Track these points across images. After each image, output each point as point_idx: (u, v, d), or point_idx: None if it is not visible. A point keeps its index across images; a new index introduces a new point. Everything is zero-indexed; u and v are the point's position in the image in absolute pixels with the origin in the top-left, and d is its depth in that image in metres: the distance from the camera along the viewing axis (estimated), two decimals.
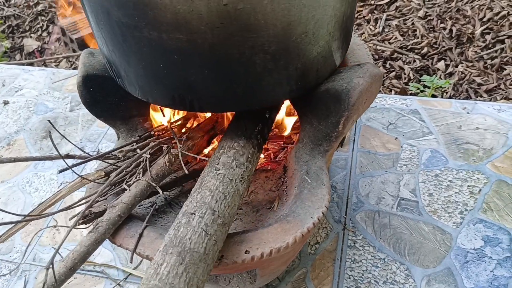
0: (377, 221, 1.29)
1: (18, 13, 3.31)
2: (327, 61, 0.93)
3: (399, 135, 1.53)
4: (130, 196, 0.89)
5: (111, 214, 0.87)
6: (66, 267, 0.80)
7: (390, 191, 1.36)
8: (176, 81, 0.86)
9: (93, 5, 0.83)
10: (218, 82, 0.85)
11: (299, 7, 0.77)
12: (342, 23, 0.91)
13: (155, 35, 0.78)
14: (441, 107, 1.62)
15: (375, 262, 1.20)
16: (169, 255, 0.69)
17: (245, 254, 0.83)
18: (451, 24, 2.41)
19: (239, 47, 0.79)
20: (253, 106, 0.93)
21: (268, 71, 0.84)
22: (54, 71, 2.03)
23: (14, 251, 1.36)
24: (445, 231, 1.26)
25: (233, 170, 0.86)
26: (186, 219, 0.75)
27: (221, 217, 0.77)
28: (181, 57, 0.80)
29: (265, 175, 1.11)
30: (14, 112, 1.83)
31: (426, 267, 1.18)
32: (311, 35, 0.83)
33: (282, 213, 0.92)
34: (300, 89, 0.92)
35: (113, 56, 0.90)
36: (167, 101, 0.91)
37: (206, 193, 0.79)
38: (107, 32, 0.85)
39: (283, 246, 0.84)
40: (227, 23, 0.75)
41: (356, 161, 1.46)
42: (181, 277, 0.67)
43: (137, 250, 0.86)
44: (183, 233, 0.72)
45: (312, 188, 0.93)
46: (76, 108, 1.80)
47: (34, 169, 1.58)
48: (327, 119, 0.95)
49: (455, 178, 1.38)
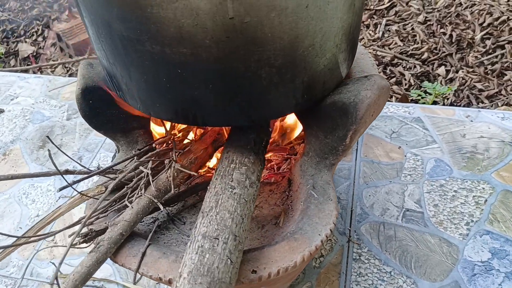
0: (382, 233, 1.27)
1: (13, 18, 3.27)
2: (334, 73, 0.91)
3: (403, 144, 1.51)
4: (132, 213, 0.87)
5: (113, 232, 0.84)
6: None
7: (395, 202, 1.34)
8: (179, 95, 0.83)
9: (93, 18, 0.80)
10: (222, 96, 0.82)
11: (307, 19, 0.75)
12: (349, 35, 0.89)
13: (158, 49, 0.76)
14: (445, 115, 1.60)
15: (381, 275, 1.18)
16: (199, 285, 0.66)
17: (252, 274, 0.80)
18: (451, 29, 2.40)
19: (245, 61, 0.76)
20: (257, 119, 0.90)
21: (274, 84, 0.82)
22: (50, 78, 2.00)
23: (10, 265, 1.32)
24: (452, 243, 1.23)
25: (247, 190, 0.83)
26: (210, 244, 0.72)
27: (241, 242, 0.75)
28: (185, 71, 0.78)
29: (269, 189, 1.08)
30: (10, 121, 1.80)
31: (434, 280, 1.16)
32: (318, 48, 0.81)
33: (289, 230, 0.89)
34: (306, 102, 0.89)
35: (114, 69, 0.87)
36: (170, 115, 0.89)
37: (226, 215, 0.77)
38: (108, 45, 0.82)
39: (291, 266, 0.81)
40: (233, 36, 0.72)
41: (359, 170, 1.44)
42: None
43: (140, 270, 0.83)
44: (210, 261, 0.69)
45: (319, 204, 0.91)
46: (73, 117, 1.77)
47: (31, 180, 1.55)
48: (333, 133, 0.92)
49: (460, 188, 1.36)
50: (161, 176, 0.95)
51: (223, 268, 0.71)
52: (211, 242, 0.74)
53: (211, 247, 0.73)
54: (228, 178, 0.86)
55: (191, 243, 0.75)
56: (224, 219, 0.78)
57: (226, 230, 0.76)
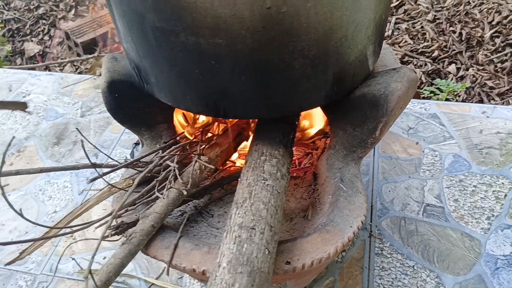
0: (404, 227, 1.27)
1: (19, 17, 3.27)
2: (363, 65, 0.91)
3: (420, 140, 1.51)
4: (163, 205, 0.86)
5: (144, 224, 0.84)
6: (101, 281, 0.77)
7: (415, 197, 1.34)
8: (211, 87, 0.83)
9: (125, 9, 0.79)
10: (254, 88, 0.82)
11: (341, 10, 0.75)
12: (379, 27, 0.89)
13: (192, 40, 0.75)
14: (461, 111, 1.60)
15: (404, 269, 1.18)
16: (239, 274, 0.66)
17: (286, 265, 0.80)
18: (460, 28, 2.40)
19: (279, 52, 0.76)
20: (288, 112, 0.90)
21: (306, 76, 0.82)
22: (62, 75, 1.99)
23: (29, 261, 1.32)
24: (474, 238, 1.23)
25: (279, 182, 0.83)
26: (247, 234, 0.72)
27: (276, 233, 0.75)
28: (219, 62, 0.78)
29: (294, 182, 1.08)
30: (23, 118, 1.79)
31: (457, 274, 1.16)
32: (350, 39, 0.81)
33: (319, 222, 0.89)
34: (335, 94, 0.89)
35: (144, 62, 0.87)
36: (200, 107, 0.88)
37: (261, 206, 0.77)
38: (139, 37, 0.82)
39: (324, 257, 0.81)
40: (269, 27, 0.72)
41: (378, 166, 1.44)
42: None
43: (173, 262, 0.82)
44: (249, 251, 0.69)
45: (349, 196, 0.91)
46: (87, 114, 1.77)
47: (47, 177, 1.54)
48: (363, 125, 0.92)
49: (480, 183, 1.36)
50: (189, 169, 0.94)
51: (261, 258, 0.71)
52: (248, 232, 0.74)
53: (248, 237, 0.73)
54: (259, 170, 0.86)
55: (227, 233, 0.75)
56: (259, 210, 0.78)
57: (262, 221, 0.76)
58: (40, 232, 1.38)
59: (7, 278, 1.28)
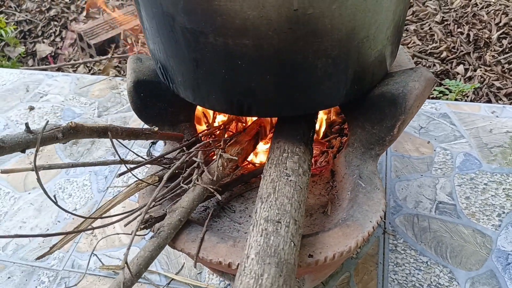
0: (417, 224, 1.30)
1: (30, 18, 3.31)
2: (382, 65, 0.94)
3: (431, 139, 1.54)
4: (189, 200, 0.89)
5: (172, 218, 0.87)
6: (133, 273, 0.80)
7: (427, 195, 1.37)
8: (236, 86, 0.86)
9: (155, 11, 0.83)
10: (278, 87, 0.85)
11: (364, 12, 0.78)
12: (398, 27, 0.92)
13: (220, 41, 0.79)
14: (470, 111, 1.63)
15: (418, 265, 1.21)
16: (268, 265, 0.69)
17: (309, 258, 0.83)
18: (468, 29, 2.43)
19: (304, 52, 0.79)
20: (309, 109, 0.93)
21: (328, 75, 0.85)
22: (78, 76, 2.03)
23: (51, 258, 1.35)
24: (485, 234, 1.26)
25: (301, 178, 0.86)
26: (273, 227, 0.75)
27: (300, 227, 0.78)
28: (245, 62, 0.81)
29: (312, 180, 1.11)
30: (41, 118, 1.83)
31: (469, 269, 1.19)
32: (371, 40, 0.84)
33: (340, 217, 0.92)
34: (355, 92, 0.92)
35: (171, 62, 0.90)
36: (225, 106, 0.92)
37: (285, 200, 0.80)
38: (167, 38, 0.85)
39: (345, 250, 0.84)
40: (295, 28, 0.75)
41: (390, 165, 1.47)
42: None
43: (200, 255, 0.86)
44: (276, 243, 0.72)
45: (367, 193, 0.94)
46: (104, 114, 1.80)
47: (66, 175, 1.58)
48: (381, 123, 0.95)
49: (490, 181, 1.39)
50: (212, 165, 0.97)
51: (288, 250, 0.74)
52: (274, 226, 0.77)
53: (274, 230, 0.76)
54: (282, 167, 0.89)
55: (253, 226, 0.78)
56: (283, 204, 0.81)
57: (286, 215, 0.79)
58: (61, 229, 1.41)
59: (30, 274, 1.31)
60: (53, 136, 0.78)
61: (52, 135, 0.78)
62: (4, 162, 1.66)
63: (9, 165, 1.64)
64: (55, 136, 0.78)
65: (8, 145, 0.74)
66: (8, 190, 1.56)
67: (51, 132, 0.78)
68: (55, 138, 0.78)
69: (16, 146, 0.75)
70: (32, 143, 0.76)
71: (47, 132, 0.77)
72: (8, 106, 1.91)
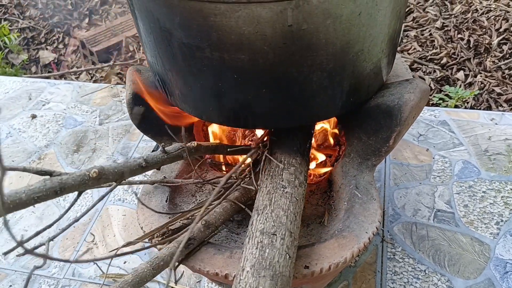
0: (415, 232, 1.30)
1: (34, 25, 3.34)
2: (377, 77, 0.95)
3: (430, 146, 1.54)
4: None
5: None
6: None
7: (426, 203, 1.37)
8: (233, 99, 0.87)
9: (153, 26, 0.84)
10: (274, 100, 0.86)
11: (359, 26, 0.79)
12: (393, 40, 0.93)
13: (217, 56, 0.80)
14: (469, 118, 1.63)
15: (416, 274, 1.21)
16: (263, 278, 0.70)
17: (305, 270, 0.84)
18: (468, 35, 2.44)
19: (298, 66, 0.80)
20: (305, 121, 0.95)
21: (323, 88, 0.86)
22: (80, 84, 2.05)
23: (52, 266, 1.37)
24: (483, 242, 1.27)
25: (297, 189, 0.87)
26: (269, 239, 0.76)
27: (296, 239, 0.79)
28: (241, 76, 0.82)
29: (310, 189, 1.12)
30: (43, 126, 1.85)
31: (467, 278, 1.19)
32: (366, 53, 0.85)
33: (336, 228, 0.93)
34: (351, 104, 0.93)
35: (169, 75, 0.92)
36: (222, 118, 0.93)
37: (281, 212, 0.81)
38: (165, 52, 0.86)
39: (341, 262, 0.85)
40: (290, 43, 0.76)
41: (389, 173, 1.47)
42: None
43: (197, 266, 0.87)
44: (271, 255, 0.73)
45: (364, 203, 0.95)
46: (105, 122, 1.82)
47: None
48: (377, 134, 0.96)
49: (489, 189, 1.40)
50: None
51: (283, 262, 0.75)
52: (270, 238, 0.78)
53: (270, 243, 0.77)
54: (278, 178, 0.90)
55: (249, 239, 0.79)
56: (279, 217, 0.82)
57: (282, 227, 0.80)
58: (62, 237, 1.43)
59: (31, 282, 1.33)
60: (180, 154, 0.90)
61: (179, 154, 0.90)
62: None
63: (11, 174, 1.66)
64: (181, 155, 0.91)
65: (150, 164, 0.84)
66: None
67: (178, 151, 0.90)
68: (181, 156, 0.91)
69: (156, 164, 0.86)
70: (166, 161, 0.87)
71: (176, 152, 0.89)
72: (11, 114, 1.93)
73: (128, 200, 1.49)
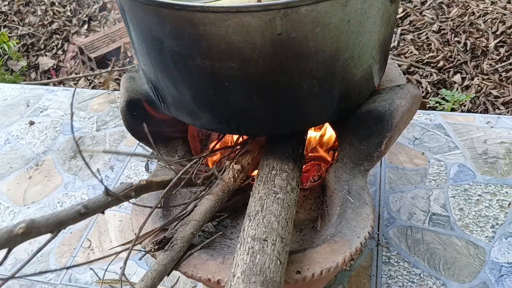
0: (410, 236, 1.31)
1: (33, 32, 3.36)
2: (369, 83, 0.95)
3: (426, 150, 1.55)
4: (201, 213, 0.91)
5: (185, 231, 0.88)
6: (147, 286, 0.82)
7: (421, 206, 1.38)
8: (225, 106, 0.88)
9: (145, 35, 0.85)
10: (265, 107, 0.87)
11: (348, 34, 0.80)
12: (384, 46, 0.93)
13: (207, 64, 0.81)
14: (465, 122, 1.64)
15: (411, 277, 1.22)
16: (253, 283, 0.70)
17: (297, 275, 0.85)
18: (465, 38, 2.45)
19: (289, 74, 0.81)
20: (297, 128, 0.95)
21: (314, 95, 0.86)
22: (78, 91, 2.06)
23: (49, 272, 1.37)
24: (478, 246, 1.27)
25: (289, 195, 0.88)
26: (260, 245, 0.76)
27: (287, 244, 0.80)
28: (232, 84, 0.83)
29: (303, 194, 1.12)
30: (41, 132, 1.86)
31: (462, 281, 1.20)
32: (356, 60, 0.86)
33: (328, 233, 0.93)
34: (342, 111, 0.94)
35: (161, 83, 0.93)
36: (214, 125, 0.94)
37: (272, 218, 0.81)
38: (157, 60, 0.87)
39: (333, 266, 0.85)
40: (279, 51, 0.77)
41: (385, 176, 1.48)
42: None
43: (190, 272, 0.87)
44: (262, 261, 0.74)
45: (356, 208, 0.95)
46: (102, 128, 1.83)
47: (65, 189, 1.60)
48: (369, 140, 0.97)
49: (484, 192, 1.40)
50: (224, 177, 0.99)
51: (273, 268, 0.76)
52: (261, 244, 0.78)
53: (261, 249, 0.78)
54: (270, 184, 0.91)
55: (241, 244, 0.80)
56: (270, 222, 0.82)
57: (273, 233, 0.81)
58: (60, 242, 1.43)
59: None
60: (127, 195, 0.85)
61: (127, 194, 0.85)
62: (4, 177, 1.69)
63: (9, 180, 1.67)
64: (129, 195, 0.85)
65: (91, 210, 0.79)
66: (8, 204, 1.58)
67: (125, 192, 0.84)
68: (129, 196, 0.85)
69: (98, 209, 0.81)
70: (110, 203, 0.82)
71: (122, 193, 0.84)
72: (9, 121, 1.94)
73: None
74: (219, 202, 0.94)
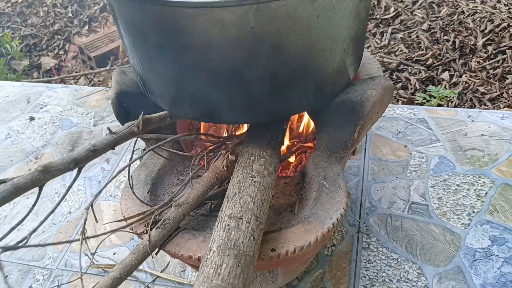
0: (390, 224, 1.37)
1: (35, 33, 3.44)
2: (342, 75, 1.02)
3: (408, 143, 1.61)
4: (194, 196, 0.97)
5: (178, 212, 0.95)
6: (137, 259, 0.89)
7: (401, 196, 1.44)
8: (206, 96, 0.94)
9: (131, 30, 0.92)
10: (244, 97, 0.93)
11: (318, 28, 0.86)
12: (356, 41, 1.00)
13: (188, 56, 0.87)
14: (448, 116, 1.70)
15: (389, 262, 1.28)
16: (227, 256, 0.77)
17: (272, 252, 0.91)
18: (454, 36, 2.51)
19: (264, 65, 0.87)
20: (274, 117, 1.01)
21: (289, 85, 0.93)
22: (76, 88, 2.14)
23: (46, 257, 1.44)
24: (454, 232, 1.33)
25: (266, 179, 0.94)
26: (235, 223, 0.83)
27: (262, 223, 0.86)
28: (211, 75, 0.89)
29: (284, 181, 1.19)
30: (40, 128, 1.93)
31: (437, 265, 1.26)
32: (328, 53, 0.92)
33: (303, 215, 1.00)
34: (318, 101, 1.00)
35: (148, 75, 0.99)
36: (197, 114, 1.00)
37: (248, 199, 0.88)
38: (143, 53, 0.94)
39: (305, 245, 0.92)
40: (253, 44, 0.83)
41: (368, 168, 1.54)
42: (239, 278, 0.76)
43: (172, 250, 0.94)
44: (236, 237, 0.80)
45: (330, 192, 1.02)
46: (99, 123, 1.90)
47: (62, 181, 1.67)
48: (343, 128, 1.03)
49: (463, 182, 1.46)
50: (217, 165, 1.05)
51: (247, 243, 0.82)
52: (236, 222, 0.85)
53: (236, 226, 0.84)
54: (248, 169, 0.97)
55: (218, 223, 0.86)
56: (246, 203, 0.89)
57: (248, 212, 0.87)
58: (56, 231, 1.50)
59: (26, 272, 1.40)
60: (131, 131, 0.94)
61: (131, 131, 0.94)
62: (5, 169, 1.76)
63: (9, 172, 1.74)
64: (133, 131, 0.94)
65: (101, 147, 0.89)
66: None
67: (128, 128, 0.94)
68: (133, 132, 0.94)
69: (107, 147, 0.90)
70: (116, 141, 0.92)
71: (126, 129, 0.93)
72: (10, 117, 2.02)
73: (119, 196, 1.56)
74: (211, 188, 1.01)
